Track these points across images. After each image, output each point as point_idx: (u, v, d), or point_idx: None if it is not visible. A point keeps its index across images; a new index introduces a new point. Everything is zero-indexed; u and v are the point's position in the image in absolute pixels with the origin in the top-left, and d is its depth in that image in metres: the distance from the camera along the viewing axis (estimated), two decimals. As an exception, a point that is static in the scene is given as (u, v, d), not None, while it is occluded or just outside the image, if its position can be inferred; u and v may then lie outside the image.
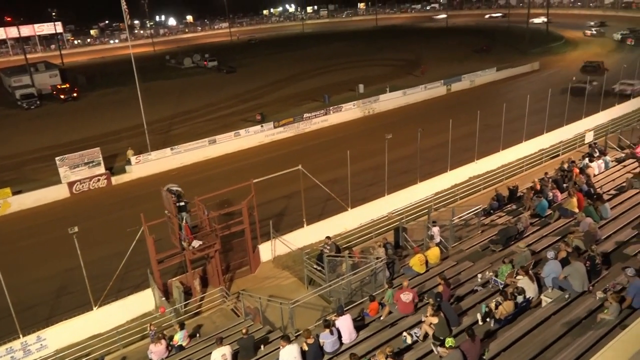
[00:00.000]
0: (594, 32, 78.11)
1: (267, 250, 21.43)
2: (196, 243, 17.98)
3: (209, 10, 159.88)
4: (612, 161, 25.24)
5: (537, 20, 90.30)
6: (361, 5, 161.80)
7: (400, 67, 64.68)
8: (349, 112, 44.40)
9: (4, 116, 55.71)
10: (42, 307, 19.50)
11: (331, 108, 43.84)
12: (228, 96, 55.95)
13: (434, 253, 17.72)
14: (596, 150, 26.13)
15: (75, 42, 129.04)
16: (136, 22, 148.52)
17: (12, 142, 44.11)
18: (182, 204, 17.64)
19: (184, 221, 17.70)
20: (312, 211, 23.35)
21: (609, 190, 21.24)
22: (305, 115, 42.12)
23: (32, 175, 34.30)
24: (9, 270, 15.77)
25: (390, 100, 47.16)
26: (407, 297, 13.85)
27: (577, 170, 22.73)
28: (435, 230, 19.23)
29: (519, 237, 17.78)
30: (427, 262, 17.41)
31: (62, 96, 60.49)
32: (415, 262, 17.20)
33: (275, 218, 23.12)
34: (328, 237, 19.31)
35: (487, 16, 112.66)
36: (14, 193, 30.28)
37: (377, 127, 37.68)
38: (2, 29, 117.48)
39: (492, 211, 22.14)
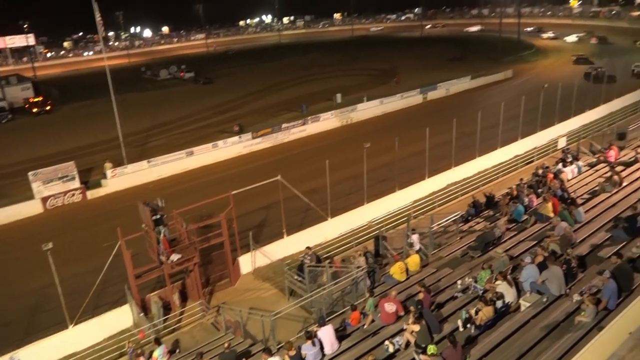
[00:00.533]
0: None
1: (247, 262, 21.25)
2: (175, 257, 17.72)
3: (185, 21, 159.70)
4: (584, 166, 25.81)
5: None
6: (337, 16, 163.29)
7: (377, 77, 65.31)
8: (327, 121, 44.57)
9: (-26, 131, 54.31)
10: (15, 326, 18.96)
11: (309, 118, 43.94)
12: (205, 107, 55.64)
13: (414, 261, 17.81)
14: (569, 155, 26.67)
15: (49, 54, 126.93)
16: (111, 34, 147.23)
17: (-17, 157, 42.98)
18: (158, 216, 17.40)
19: (162, 235, 17.44)
20: (292, 222, 23.28)
21: (582, 195, 21.67)
22: (284, 125, 42.12)
23: (4, 191, 33.40)
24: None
25: (367, 110, 47.52)
26: (391, 307, 13.83)
27: (552, 176, 23.16)
28: (415, 237, 19.34)
29: (497, 243, 18.00)
30: (407, 269, 17.48)
31: (34, 109, 59.40)
32: (396, 270, 17.26)
33: (254, 229, 22.97)
34: (308, 248, 19.26)
35: (465, 29, 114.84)
36: (-15, 210, 29.48)
37: (355, 136, 37.85)
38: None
39: (469, 218, 22.38)
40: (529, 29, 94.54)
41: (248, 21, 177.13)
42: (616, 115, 37.58)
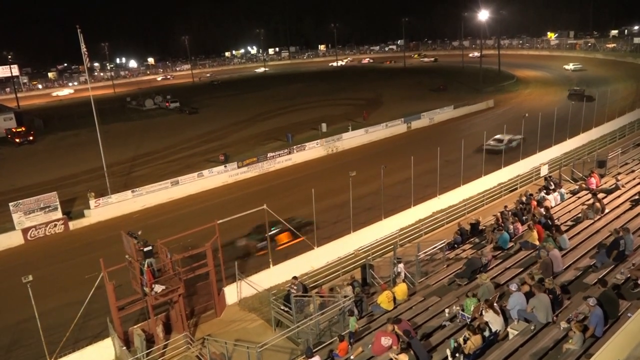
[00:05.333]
0: None
1: (232, 293, 20.93)
2: (158, 288, 17.38)
3: (170, 52, 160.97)
4: (567, 193, 26.23)
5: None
6: (322, 47, 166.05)
7: (361, 107, 66.18)
8: (313, 150, 44.82)
9: (-46, 161, 53.52)
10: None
11: (295, 147, 44.14)
12: (191, 137, 55.64)
13: (401, 289, 17.74)
14: (551, 183, 27.11)
15: (34, 85, 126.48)
16: (96, 64, 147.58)
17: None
18: (149, 248, 17.17)
19: (145, 266, 17.15)
20: (278, 251, 23.13)
21: (565, 222, 21.96)
22: (269, 154, 42.22)
23: (-17, 222, 32.75)
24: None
25: (353, 139, 47.95)
26: (387, 341, 13.54)
27: (535, 203, 23.46)
28: (401, 266, 19.30)
29: (483, 270, 18.04)
30: (395, 298, 17.38)
31: (17, 140, 58.80)
32: (383, 300, 17.15)
33: (240, 259, 22.76)
34: (295, 277, 19.08)
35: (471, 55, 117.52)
36: (-37, 241, 28.80)
37: (340, 165, 38.10)
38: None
39: (456, 245, 22.45)
40: None
41: (233, 52, 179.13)
42: (595, 144, 38.45)
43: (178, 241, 19.55)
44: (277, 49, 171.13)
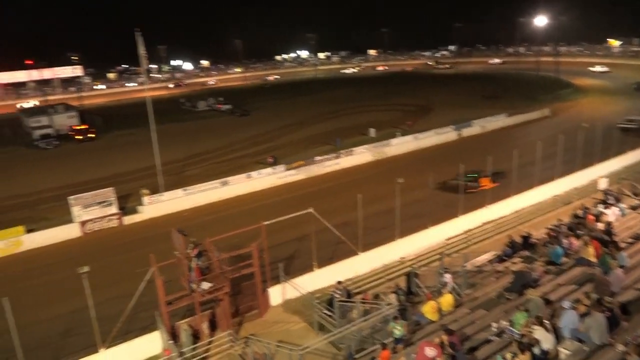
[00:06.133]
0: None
1: (277, 294, 21.13)
2: (205, 285, 17.79)
3: (224, 55, 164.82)
4: (627, 208, 24.91)
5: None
6: (372, 52, 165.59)
7: (410, 113, 65.41)
8: (361, 155, 44.68)
9: (22, 155, 56.93)
10: (47, 349, 19.18)
11: (343, 151, 44.16)
12: (241, 139, 56.72)
13: (447, 300, 17.34)
14: (610, 197, 25.83)
15: (100, 86, 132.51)
16: (154, 66, 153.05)
17: (28, 181, 44.82)
18: (198, 251, 17.66)
19: (194, 263, 17.58)
20: (323, 254, 23.13)
21: (625, 238, 20.85)
22: (317, 158, 42.42)
23: (45, 214, 34.58)
24: (16, 310, 15.65)
25: (401, 145, 47.48)
26: (431, 352, 13.22)
27: (592, 218, 22.42)
28: (448, 276, 18.89)
29: (533, 285, 17.37)
30: (440, 309, 17.01)
31: (79, 137, 61.85)
32: (428, 310, 16.82)
33: (285, 261, 22.92)
34: (339, 282, 19.05)
35: (491, 61, 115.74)
36: (28, 231, 30.50)
37: (388, 171, 37.78)
38: (24, 71, 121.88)
39: (505, 258, 21.77)
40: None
41: (284, 56, 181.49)
42: (659, 157, 36.38)
43: (225, 240, 19.93)
44: (327, 54, 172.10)
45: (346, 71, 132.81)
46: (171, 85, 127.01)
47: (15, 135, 66.92)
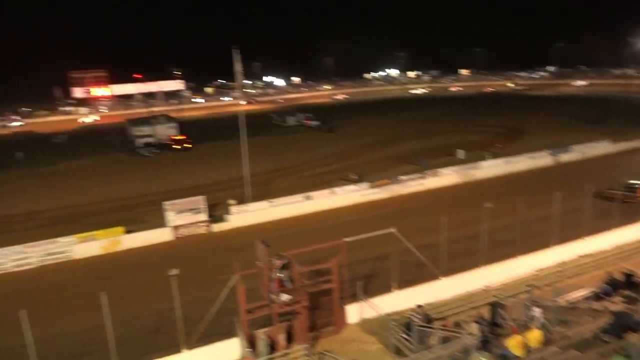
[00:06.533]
0: None
1: (354, 312, 20.98)
2: (284, 297, 18.09)
3: (314, 72, 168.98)
4: None
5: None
6: (464, 72, 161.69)
7: (501, 135, 62.82)
8: (447, 177, 43.51)
9: (125, 161, 61.83)
10: (136, 343, 20.39)
11: (428, 172, 43.27)
12: (326, 154, 57.53)
13: (534, 336, 16.24)
14: None
15: (194, 99, 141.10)
16: (248, 82, 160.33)
17: (129, 185, 48.52)
18: (285, 261, 18.06)
19: (275, 274, 17.96)
20: (403, 276, 22.65)
21: None
22: (402, 177, 41.91)
23: (142, 216, 37.12)
24: (112, 304, 16.86)
25: (491, 168, 45.62)
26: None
27: None
28: (537, 310, 17.70)
29: (636, 329, 15.80)
30: (527, 345, 15.96)
31: (177, 146, 66.11)
32: (514, 344, 15.84)
33: (364, 279, 22.73)
34: (419, 306, 18.55)
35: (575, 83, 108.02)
36: (126, 232, 32.94)
37: (475, 195, 36.42)
38: (133, 84, 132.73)
39: (603, 296, 20.03)
40: None
41: (374, 74, 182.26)
42: None
43: (305, 254, 20.17)
44: (418, 72, 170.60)
45: (415, 91, 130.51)
46: (243, 102, 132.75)
47: (122, 142, 72.88)
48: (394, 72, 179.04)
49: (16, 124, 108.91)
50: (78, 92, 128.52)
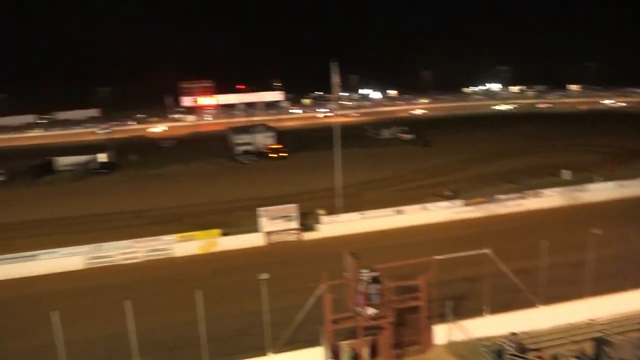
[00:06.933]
0: None
1: (441, 333, 20.27)
2: (370, 311, 17.94)
3: (411, 86, 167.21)
4: None
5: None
6: (573, 87, 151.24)
7: (614, 156, 57.75)
8: (549, 198, 40.75)
9: (226, 167, 65.25)
10: (225, 342, 21.25)
11: (528, 192, 40.84)
12: (420, 169, 56.49)
13: (646, 380, 14.64)
14: None
15: (292, 110, 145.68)
16: (344, 94, 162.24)
17: (228, 189, 51.07)
18: (376, 274, 18.00)
19: (362, 287, 17.87)
20: (496, 300, 21.50)
21: None
22: (499, 196, 39.96)
23: (238, 220, 38.79)
24: (205, 303, 17.76)
25: (601, 191, 42.02)
26: None
27: None
28: (650, 351, 15.95)
29: None
30: (635, 389, 14.42)
31: (273, 155, 68.62)
32: (620, 386, 14.39)
33: (454, 300, 21.88)
34: (513, 333, 17.51)
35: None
36: (223, 234, 34.64)
37: (581, 219, 33.74)
38: (236, 95, 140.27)
39: None
40: None
41: (474, 88, 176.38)
42: None
43: (393, 269, 19.87)
44: (522, 87, 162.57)
45: (499, 107, 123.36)
46: (334, 114, 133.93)
47: (223, 149, 76.96)
48: (495, 86, 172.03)
49: (104, 131, 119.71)
50: (187, 101, 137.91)
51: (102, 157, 69.26)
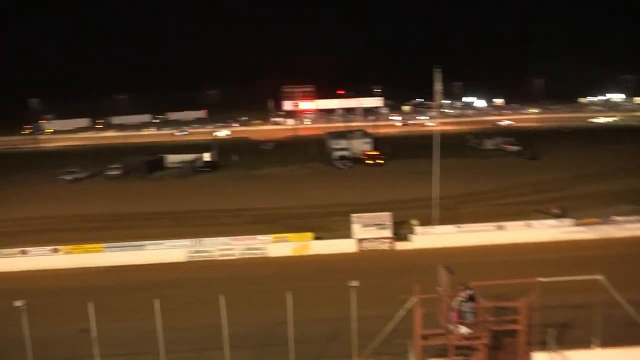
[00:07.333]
0: None
1: (541, 362, 18.90)
2: (464, 330, 17.21)
3: (520, 94, 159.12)
4: None
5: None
6: None
7: None
8: (678, 224, 36.55)
9: (322, 172, 66.46)
10: (312, 346, 21.48)
11: (652, 215, 36.95)
12: (525, 183, 53.42)
13: None
14: None
15: (391, 117, 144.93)
16: (446, 101, 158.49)
17: (323, 194, 51.90)
18: (471, 292, 17.37)
19: (455, 303, 17.23)
20: (609, 332, 19.61)
21: None
22: (616, 218, 36.58)
23: (330, 225, 39.20)
24: (298, 305, 18.14)
25: None
26: None
27: None
28: None
29: None
30: None
31: (370, 161, 68.63)
32: None
33: (557, 327, 20.34)
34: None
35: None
36: (315, 238, 35.24)
37: None
38: (336, 100, 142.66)
39: None
40: None
41: (592, 98, 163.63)
42: None
43: (490, 288, 18.91)
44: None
45: (597, 120, 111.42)
46: (433, 122, 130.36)
47: (320, 153, 78.46)
48: (617, 97, 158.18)
49: (181, 133, 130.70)
50: (288, 105, 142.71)
51: (207, 157, 73.82)
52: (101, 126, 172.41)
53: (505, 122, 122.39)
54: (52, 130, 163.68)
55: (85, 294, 23.21)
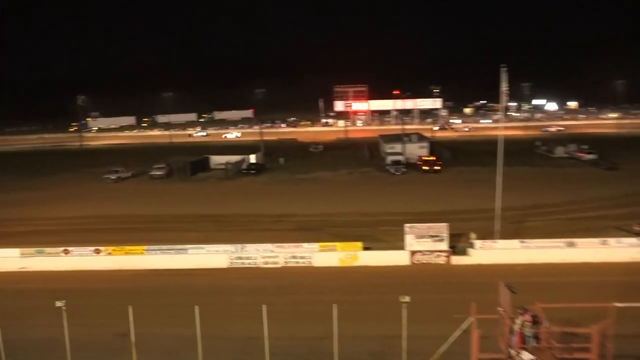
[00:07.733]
0: None
1: (614, 397, 17.99)
2: (526, 356, 16.64)
3: (597, 97, 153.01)
4: None
5: None
6: None
7: None
8: None
9: (373, 177, 66.10)
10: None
11: None
12: (600, 196, 51.08)
13: None
14: None
15: (451, 119, 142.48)
16: (512, 104, 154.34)
17: (374, 201, 51.55)
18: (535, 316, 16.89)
19: (517, 326, 16.70)
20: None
21: None
22: None
23: (381, 235, 38.92)
24: (341, 317, 18.09)
25: None
26: None
27: None
28: None
29: None
30: None
31: (425, 167, 67.59)
32: None
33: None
34: None
35: None
36: (364, 248, 35.06)
37: None
38: (391, 101, 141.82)
39: None
40: None
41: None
42: None
43: (558, 311, 18.22)
44: None
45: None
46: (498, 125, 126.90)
47: (372, 157, 78.12)
48: None
49: (199, 134, 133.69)
50: (339, 106, 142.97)
51: (252, 159, 75.11)
52: (146, 124, 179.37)
53: (554, 129, 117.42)
54: (97, 128, 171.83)
55: (125, 297, 24.13)
